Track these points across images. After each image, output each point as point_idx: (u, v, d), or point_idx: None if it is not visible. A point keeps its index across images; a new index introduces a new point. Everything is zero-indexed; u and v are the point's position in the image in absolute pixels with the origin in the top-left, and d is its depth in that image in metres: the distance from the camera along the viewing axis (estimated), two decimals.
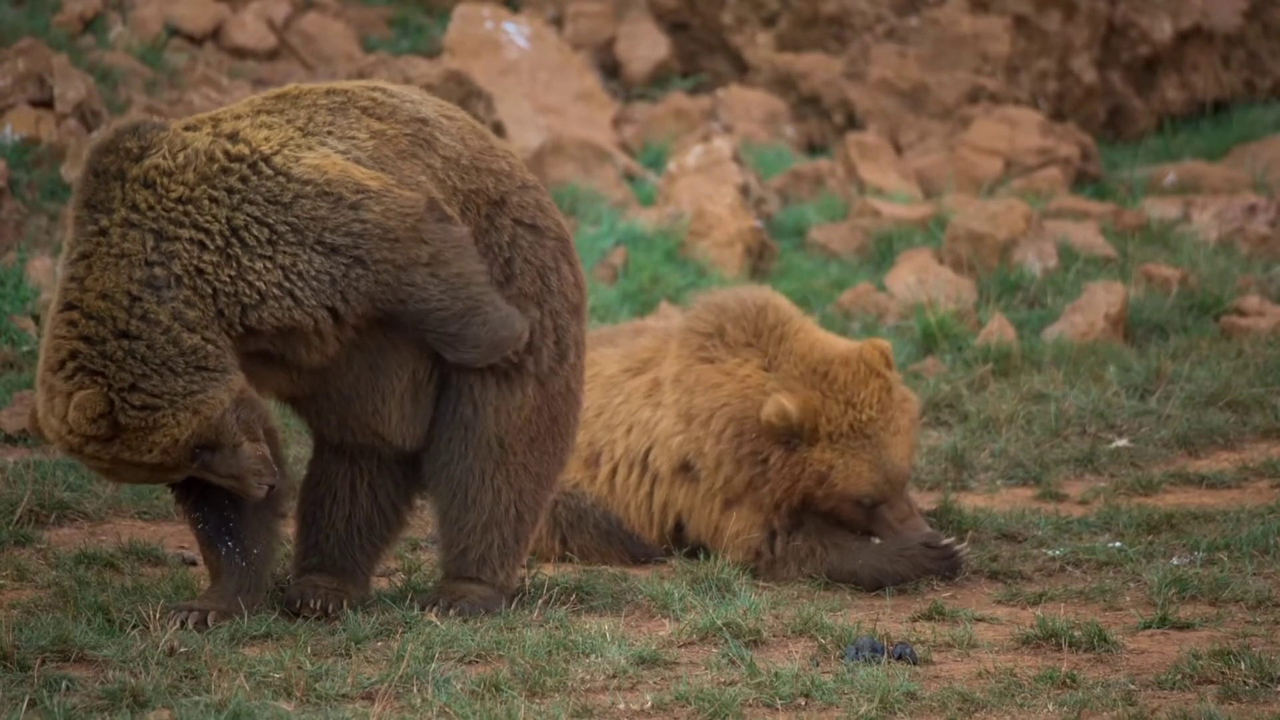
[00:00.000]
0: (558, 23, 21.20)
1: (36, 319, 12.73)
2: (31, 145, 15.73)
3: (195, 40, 19.00)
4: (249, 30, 19.22)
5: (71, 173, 15.56)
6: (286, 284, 8.73)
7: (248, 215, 8.72)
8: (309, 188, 8.76)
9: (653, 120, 19.97)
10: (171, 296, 8.64)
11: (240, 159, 8.78)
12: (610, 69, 21.22)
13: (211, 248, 8.68)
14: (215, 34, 19.14)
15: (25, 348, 12.31)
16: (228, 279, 8.69)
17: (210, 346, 8.67)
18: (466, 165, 9.14)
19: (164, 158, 8.74)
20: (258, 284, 8.69)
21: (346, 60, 18.94)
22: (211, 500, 8.99)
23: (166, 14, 18.91)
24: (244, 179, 8.75)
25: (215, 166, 8.76)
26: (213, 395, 8.65)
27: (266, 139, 8.83)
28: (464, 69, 17.75)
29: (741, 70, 21.50)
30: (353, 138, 8.96)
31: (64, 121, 15.90)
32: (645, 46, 21.24)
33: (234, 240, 8.70)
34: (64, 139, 15.76)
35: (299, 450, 11.00)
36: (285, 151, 8.82)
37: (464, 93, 17.15)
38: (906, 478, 10.39)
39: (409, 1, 21.28)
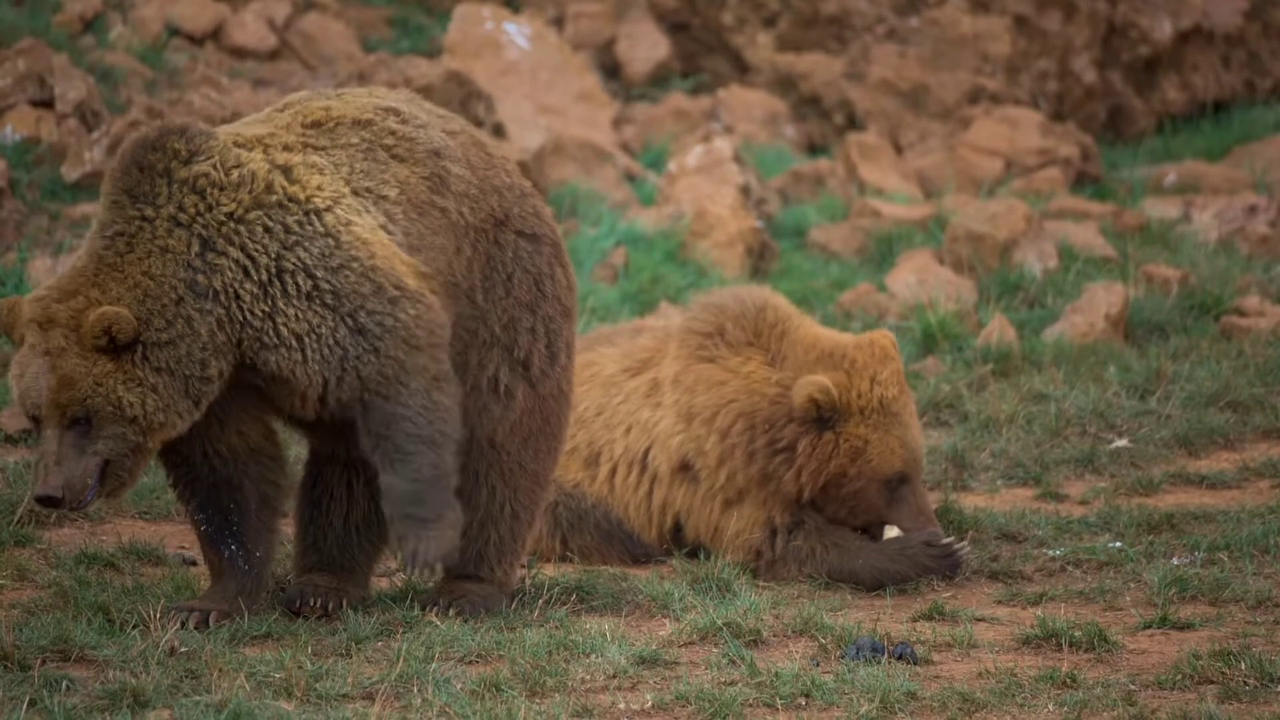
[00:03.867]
0: (558, 23, 21.20)
1: None
2: (31, 145, 15.73)
3: (195, 40, 19.00)
4: (249, 30, 19.23)
5: (72, 173, 15.56)
6: (307, 339, 8.77)
7: (297, 261, 8.77)
8: (355, 264, 8.82)
9: (653, 120, 19.98)
10: (208, 310, 8.71)
11: (296, 201, 8.84)
12: (610, 69, 21.22)
13: (254, 279, 8.73)
14: (215, 34, 19.14)
15: None
16: (261, 313, 8.74)
17: (217, 383, 8.74)
18: (475, 194, 9.22)
19: (215, 169, 8.79)
20: (282, 329, 8.74)
21: (347, 60, 18.94)
22: (215, 502, 9.01)
23: (167, 14, 18.91)
24: (300, 223, 8.81)
25: (273, 198, 8.81)
26: (169, 419, 8.71)
27: (319, 189, 8.88)
28: (464, 69, 17.75)
29: (742, 70, 21.50)
30: (384, 197, 9.00)
31: (64, 121, 15.91)
32: (645, 47, 21.24)
33: (276, 280, 8.74)
34: (64, 139, 15.76)
35: (299, 450, 11.01)
36: (337, 211, 8.87)
37: (464, 93, 17.14)
38: (923, 460, 10.47)
39: (409, 1, 21.28)
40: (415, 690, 8.14)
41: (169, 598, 9.16)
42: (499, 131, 17.28)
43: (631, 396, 10.79)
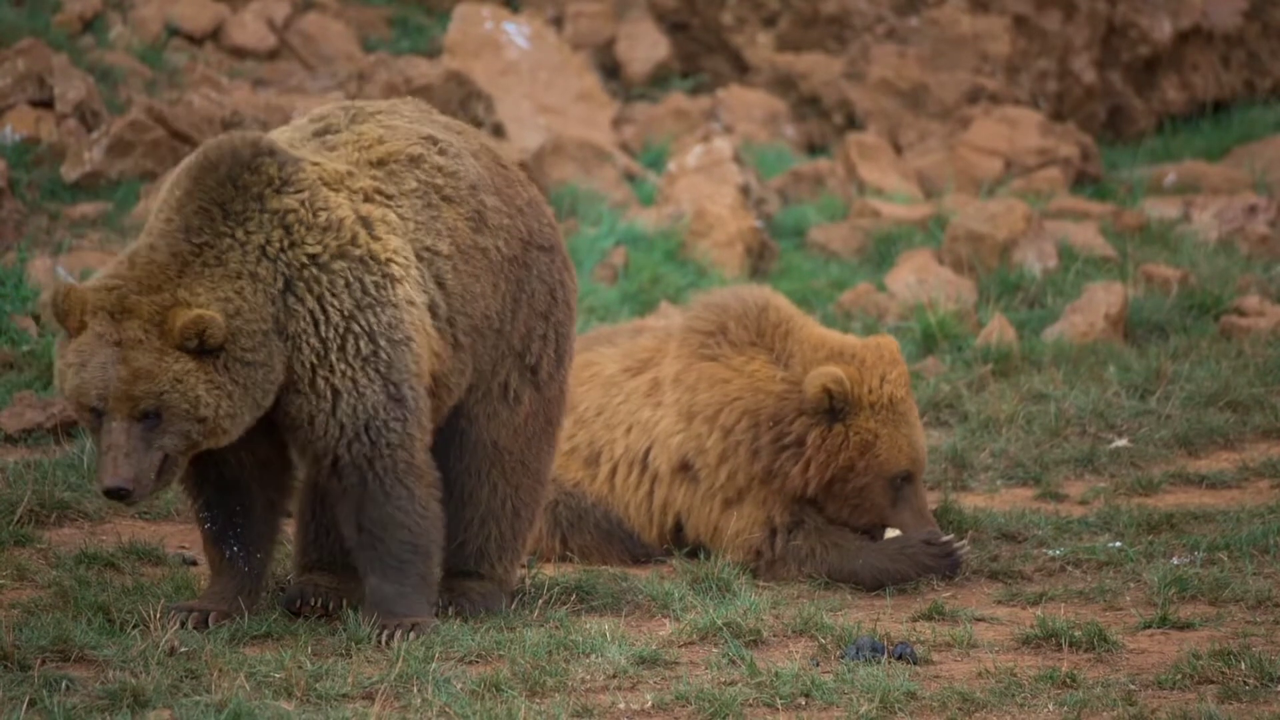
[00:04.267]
0: (558, 23, 21.19)
1: (37, 319, 12.72)
2: (31, 145, 15.73)
3: (195, 40, 19.01)
4: (249, 30, 19.23)
5: (72, 173, 15.56)
6: (345, 396, 8.80)
7: (365, 325, 8.82)
8: (414, 345, 8.88)
9: (653, 120, 19.97)
10: (283, 349, 8.76)
11: (376, 260, 8.88)
12: (610, 69, 21.22)
13: (318, 335, 8.78)
14: (215, 34, 19.14)
15: (25, 347, 12.31)
16: (309, 365, 8.78)
17: (264, 410, 8.80)
18: (507, 224, 9.30)
19: (304, 206, 8.82)
20: (320, 382, 8.79)
21: (346, 60, 18.94)
22: (222, 503, 9.01)
23: (166, 14, 18.91)
24: (377, 285, 8.85)
25: (356, 251, 8.85)
26: (231, 427, 8.73)
27: (395, 252, 8.91)
28: (464, 69, 17.75)
29: (741, 70, 21.49)
30: (439, 253, 9.04)
31: (64, 121, 15.91)
32: (645, 46, 21.24)
33: (340, 339, 8.78)
34: (64, 139, 15.76)
35: None
36: (407, 284, 8.92)
37: (464, 93, 17.13)
38: (926, 464, 10.52)
39: (409, 1, 21.28)
40: (415, 690, 8.14)
41: (169, 598, 9.16)
42: (499, 131, 17.28)
43: (632, 396, 10.80)
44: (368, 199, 8.98)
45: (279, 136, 9.20)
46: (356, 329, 8.80)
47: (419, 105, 9.43)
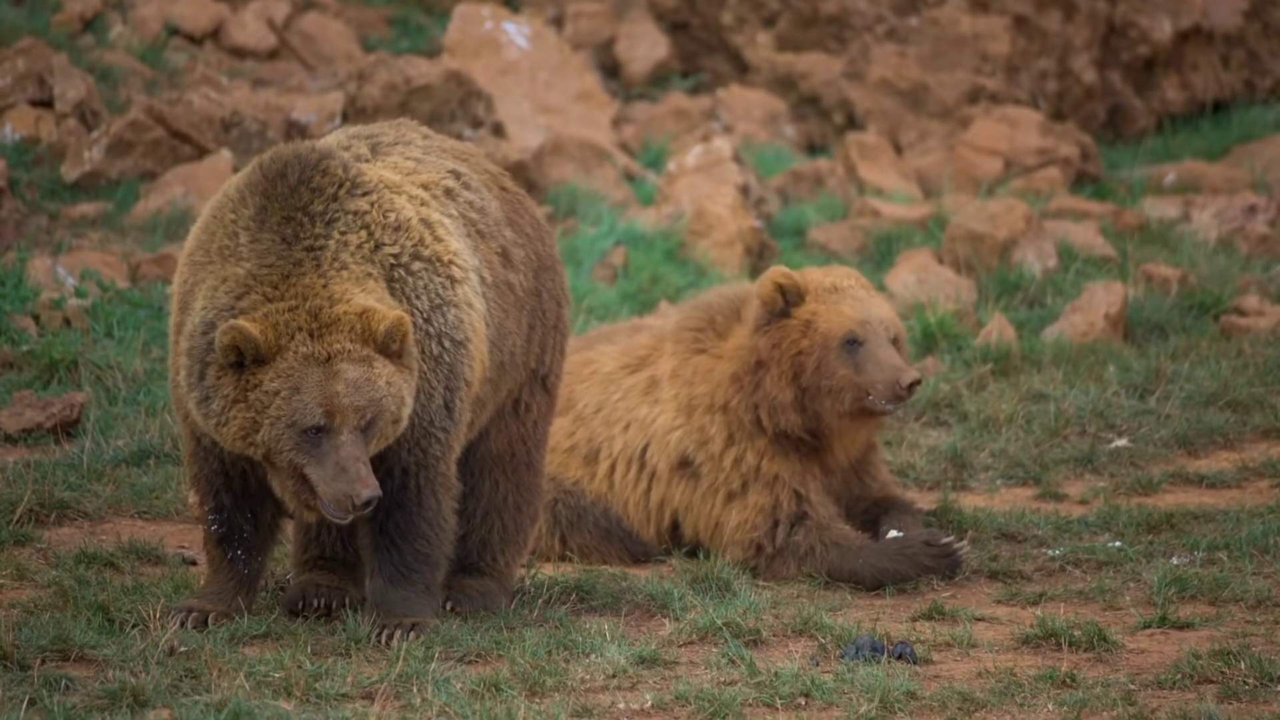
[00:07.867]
0: (558, 23, 21.20)
1: (37, 319, 12.72)
2: (31, 145, 15.74)
3: (195, 40, 19.01)
4: (249, 30, 19.23)
5: (72, 172, 15.56)
6: (419, 400, 8.78)
7: (440, 325, 8.84)
8: (470, 345, 8.90)
9: (653, 120, 19.98)
10: None
11: (441, 261, 8.89)
12: (610, 69, 21.22)
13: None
14: (215, 34, 19.15)
15: (25, 347, 12.31)
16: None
17: None
18: (524, 255, 9.37)
19: (374, 208, 8.82)
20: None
21: (346, 60, 18.94)
22: (233, 507, 8.96)
23: (166, 14, 18.91)
24: (444, 286, 8.88)
25: (427, 252, 8.85)
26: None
27: (457, 254, 8.93)
28: (464, 69, 17.75)
29: (741, 70, 21.50)
30: (484, 279, 9.08)
31: (64, 121, 15.92)
32: (645, 46, 21.24)
33: (421, 346, 8.76)
34: (64, 139, 15.77)
35: None
36: (467, 286, 8.94)
37: (464, 93, 17.13)
38: (888, 328, 10.50)
39: (409, 1, 21.28)
40: (415, 690, 8.15)
41: (169, 597, 9.16)
42: (499, 131, 17.28)
43: (630, 394, 10.84)
44: (424, 203, 8.99)
45: None
46: (432, 331, 8.82)
47: (420, 130, 9.41)
